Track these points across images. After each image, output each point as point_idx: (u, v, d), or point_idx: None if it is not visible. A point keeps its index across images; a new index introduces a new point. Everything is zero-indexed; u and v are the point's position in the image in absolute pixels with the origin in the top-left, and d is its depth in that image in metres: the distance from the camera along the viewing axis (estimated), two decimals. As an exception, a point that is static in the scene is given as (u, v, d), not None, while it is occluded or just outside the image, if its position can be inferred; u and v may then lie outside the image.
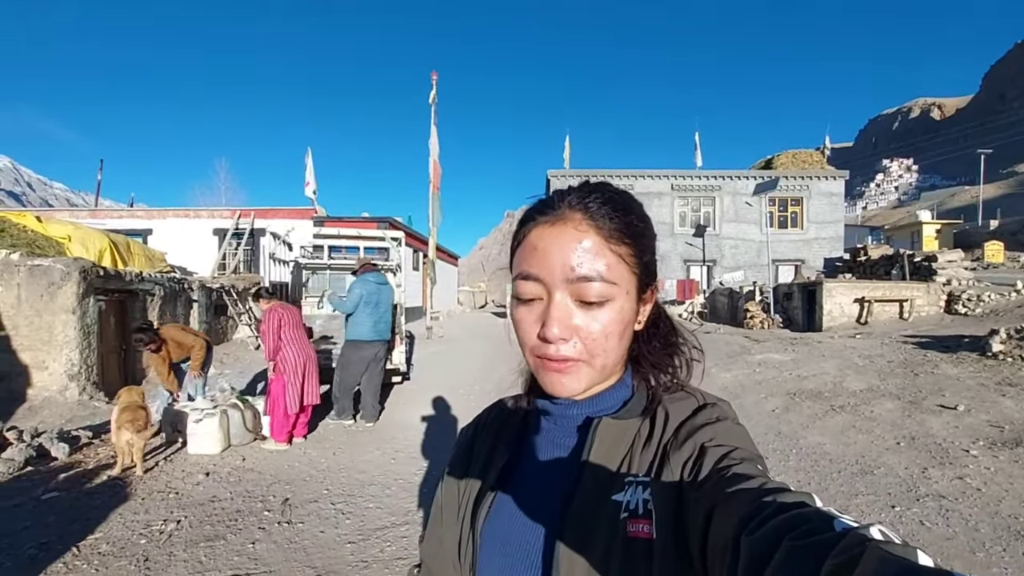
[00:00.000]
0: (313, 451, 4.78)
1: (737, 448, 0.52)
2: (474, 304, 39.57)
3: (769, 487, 0.43)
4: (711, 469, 0.50)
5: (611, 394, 0.63)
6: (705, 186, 22.07)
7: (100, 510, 3.61)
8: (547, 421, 0.66)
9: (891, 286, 13.05)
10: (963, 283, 13.47)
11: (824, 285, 12.97)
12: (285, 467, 4.40)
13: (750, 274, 19.57)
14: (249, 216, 15.13)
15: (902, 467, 4.30)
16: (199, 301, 9.87)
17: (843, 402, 6.12)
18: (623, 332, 0.59)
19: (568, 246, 0.56)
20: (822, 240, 21.76)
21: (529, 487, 0.62)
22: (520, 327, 0.59)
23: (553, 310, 0.56)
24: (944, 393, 6.04)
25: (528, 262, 0.58)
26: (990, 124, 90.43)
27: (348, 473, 4.23)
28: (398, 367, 6.35)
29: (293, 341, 4.79)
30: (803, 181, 21.94)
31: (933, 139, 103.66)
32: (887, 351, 8.60)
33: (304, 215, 14.85)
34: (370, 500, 3.74)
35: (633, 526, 0.52)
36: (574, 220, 0.57)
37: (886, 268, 16.49)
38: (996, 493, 3.75)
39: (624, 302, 0.58)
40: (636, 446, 0.58)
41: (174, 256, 13.46)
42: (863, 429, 5.23)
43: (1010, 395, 5.80)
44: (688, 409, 0.60)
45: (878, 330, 11.60)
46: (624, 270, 0.58)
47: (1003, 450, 4.43)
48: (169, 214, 16.28)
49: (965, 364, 7.26)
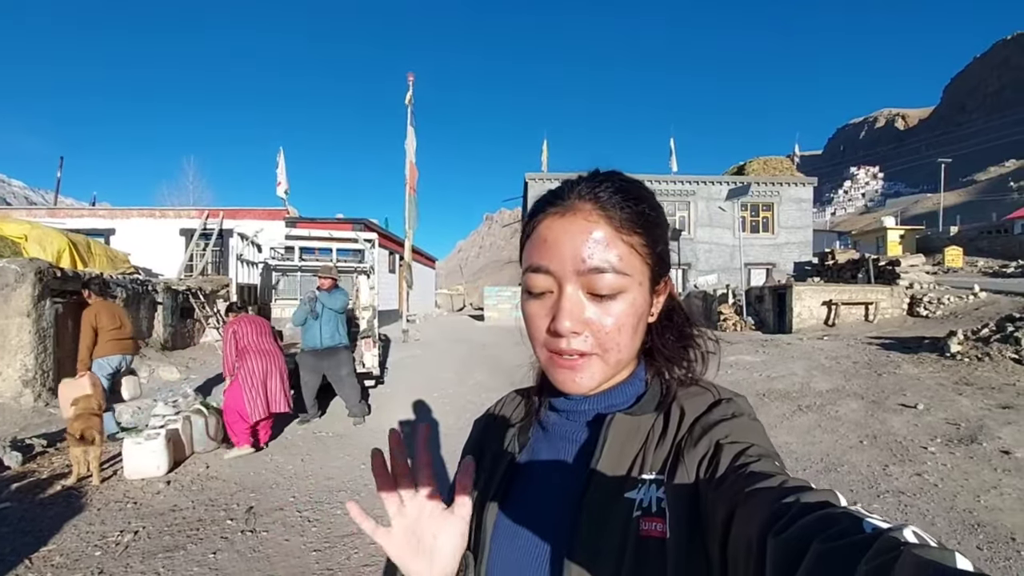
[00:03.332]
0: (280, 457, 4.67)
1: (753, 444, 0.51)
2: (452, 307, 39.38)
3: (791, 485, 0.42)
4: (728, 467, 0.48)
5: (624, 389, 0.62)
6: (680, 191, 22.44)
7: (54, 521, 3.46)
8: (559, 416, 0.65)
9: (857, 289, 13.43)
10: (925, 287, 13.96)
11: (794, 288, 13.28)
12: (250, 474, 4.28)
13: (723, 277, 19.94)
14: (218, 216, 14.77)
15: (864, 464, 4.42)
16: (164, 303, 9.58)
17: (810, 402, 6.26)
18: (636, 325, 0.57)
19: (578, 237, 0.54)
20: (792, 244, 22.32)
21: (540, 482, 0.61)
22: (530, 321, 0.58)
23: (564, 303, 0.54)
24: (905, 392, 6.23)
25: (538, 254, 0.56)
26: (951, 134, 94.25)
27: (316, 479, 4.13)
28: (371, 370, 6.25)
29: (253, 350, 4.68)
30: (774, 187, 22.48)
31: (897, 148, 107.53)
32: (853, 352, 8.84)
33: (276, 216, 14.57)
34: (338, 507, 3.66)
35: (646, 524, 0.51)
36: (584, 210, 0.55)
37: (852, 272, 16.99)
38: (952, 488, 3.88)
39: (637, 294, 0.56)
40: (650, 442, 0.56)
41: (139, 257, 13.05)
42: (828, 428, 5.35)
43: (966, 394, 6.02)
44: (703, 404, 0.58)
45: (845, 332, 11.93)
46: (637, 260, 0.56)
47: (959, 447, 4.59)
48: (133, 213, 15.76)
49: (925, 364, 7.51)
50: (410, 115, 14.14)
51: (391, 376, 8.67)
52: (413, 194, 13.86)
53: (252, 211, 15.12)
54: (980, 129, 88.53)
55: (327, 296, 5.56)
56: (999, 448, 4.46)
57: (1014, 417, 5.11)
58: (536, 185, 22.01)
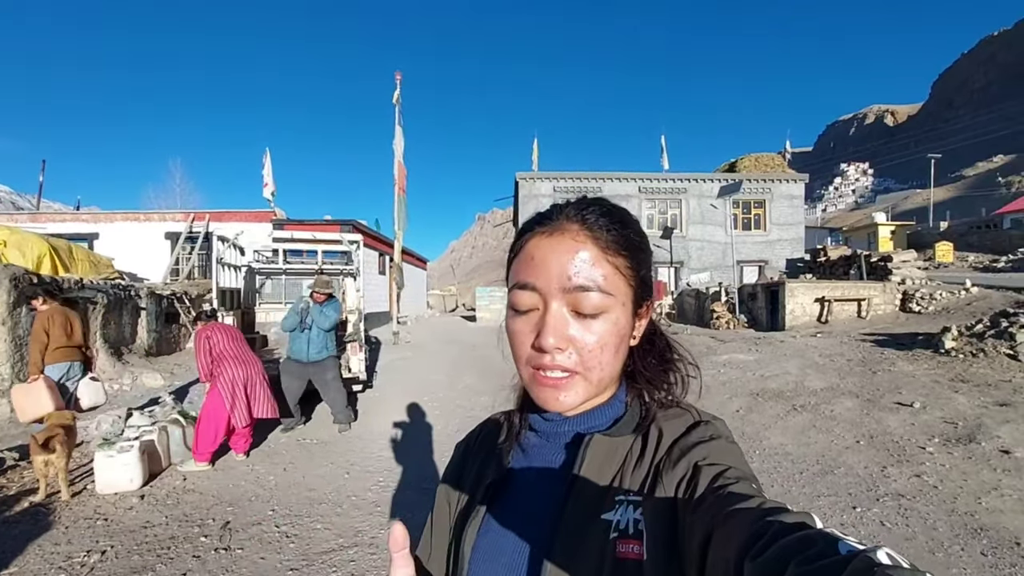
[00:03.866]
0: (261, 467, 4.50)
1: (731, 467, 0.51)
2: (444, 308, 39.19)
3: (768, 507, 0.42)
4: (706, 489, 0.49)
5: (604, 410, 0.62)
6: (672, 188, 22.38)
7: (18, 540, 3.28)
8: (538, 438, 0.65)
9: (849, 286, 13.41)
10: (916, 282, 13.96)
11: (787, 285, 13.24)
12: (229, 486, 4.12)
13: (716, 275, 19.89)
14: (203, 219, 14.50)
15: (861, 466, 4.32)
16: (147, 309, 9.35)
17: (804, 401, 6.17)
18: (619, 345, 0.58)
19: (565, 256, 0.55)
20: (784, 241, 22.32)
21: (518, 504, 0.61)
22: (515, 338, 0.58)
23: (549, 319, 0.55)
24: (901, 391, 6.16)
25: (525, 272, 0.57)
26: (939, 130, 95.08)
27: (297, 491, 3.97)
28: (357, 375, 6.09)
29: (230, 356, 4.50)
30: (765, 184, 22.47)
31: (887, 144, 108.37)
32: (846, 349, 8.78)
33: (262, 218, 14.33)
34: (318, 520, 3.51)
35: (623, 546, 0.51)
36: (571, 231, 0.57)
37: (845, 268, 16.99)
38: (951, 490, 3.79)
39: (620, 314, 0.57)
40: (628, 464, 0.57)
41: (123, 262, 12.79)
42: (823, 428, 5.26)
43: (962, 391, 5.95)
44: (682, 427, 0.59)
45: (838, 328, 11.89)
46: (621, 282, 0.57)
47: (957, 446, 4.50)
48: (118, 217, 15.44)
49: (920, 361, 7.45)
50: (398, 114, 13.96)
51: (380, 379, 8.50)
52: (402, 194, 13.69)
53: (238, 213, 14.87)
54: (968, 125, 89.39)
55: (318, 311, 5.36)
56: (998, 447, 4.37)
57: (1012, 415, 5.03)
58: (527, 184, 21.88)
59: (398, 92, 14.01)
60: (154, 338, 9.59)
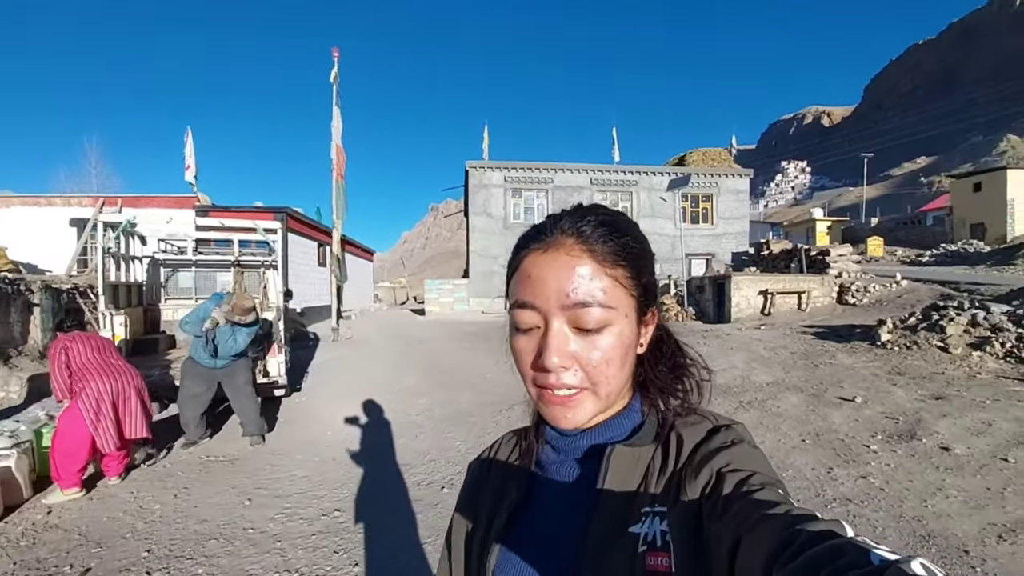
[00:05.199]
0: (149, 493, 3.84)
1: (756, 473, 0.50)
2: (395, 301, 38.15)
3: (796, 514, 0.41)
4: (731, 496, 0.48)
5: (620, 421, 0.61)
6: (623, 180, 22.39)
7: None
8: (556, 454, 0.64)
9: (791, 279, 13.73)
10: (852, 275, 14.48)
11: (732, 278, 13.40)
12: (103, 519, 3.46)
13: (665, 268, 20.08)
14: (116, 204, 13.11)
15: (809, 468, 4.16)
16: (42, 305, 8.26)
17: (751, 397, 6.06)
18: (624, 357, 0.57)
19: (562, 272, 0.55)
20: (730, 235, 22.82)
21: (541, 525, 0.60)
22: (519, 357, 0.57)
23: (551, 338, 0.54)
24: (843, 384, 6.14)
25: (523, 290, 0.56)
26: (869, 131, 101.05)
27: (184, 523, 3.36)
28: (276, 379, 5.45)
29: (95, 368, 3.80)
30: (713, 178, 22.87)
31: (823, 143, 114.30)
32: (789, 342, 8.85)
33: (184, 204, 13.08)
34: (202, 562, 2.93)
35: (652, 560, 0.50)
36: (567, 245, 0.56)
37: (786, 262, 17.49)
38: (898, 492, 3.65)
39: (624, 326, 0.56)
40: (651, 474, 0.56)
41: (21, 251, 11.40)
42: (771, 426, 5.12)
43: (900, 384, 5.99)
44: (702, 432, 0.57)
45: (780, 320, 12.12)
46: (622, 293, 0.56)
47: (900, 443, 4.42)
48: (15, 202, 13.73)
49: (859, 354, 7.54)
50: (336, 94, 13.11)
51: (310, 381, 7.85)
52: (341, 180, 12.86)
53: (156, 198, 13.55)
54: (896, 127, 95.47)
55: (227, 334, 4.58)
56: (938, 444, 4.32)
57: (948, 409, 5.04)
58: (477, 174, 21.31)
59: (336, 70, 13.17)
60: (50, 338, 8.50)
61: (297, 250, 15.99)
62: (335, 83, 13.20)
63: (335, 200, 13.07)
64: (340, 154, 13.25)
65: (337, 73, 13.24)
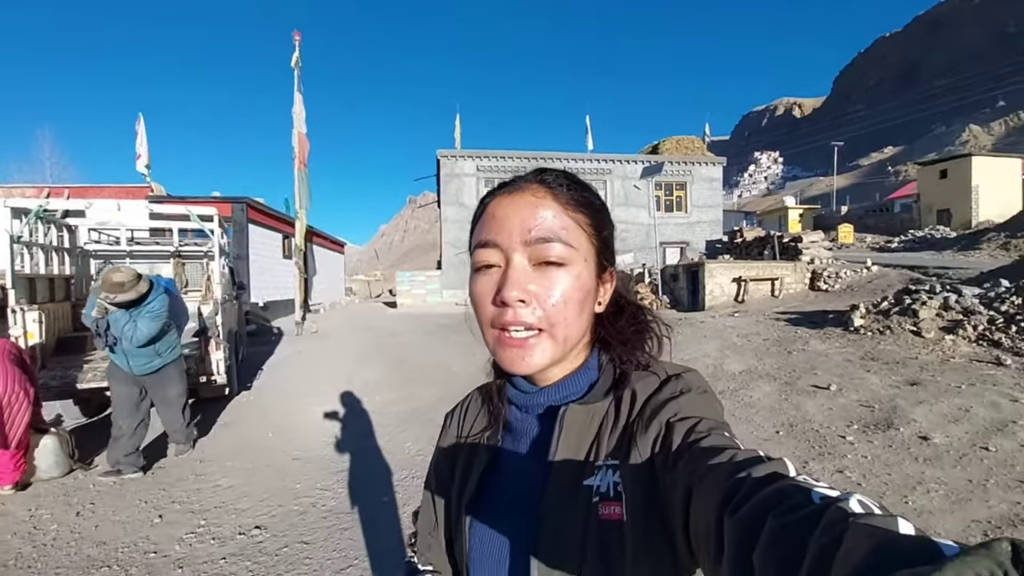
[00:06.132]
0: (49, 510, 3.36)
1: (703, 419, 0.51)
2: (369, 294, 37.42)
3: (742, 459, 0.42)
4: (680, 445, 0.49)
5: (577, 378, 0.61)
6: (596, 169, 22.13)
7: None
8: (520, 412, 0.65)
9: (764, 266, 13.66)
10: (824, 262, 14.48)
11: (706, 266, 13.27)
12: (-14, 544, 3.00)
13: (640, 256, 19.92)
14: (62, 195, 12.26)
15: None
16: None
17: (723, 387, 5.83)
18: (583, 301, 0.57)
19: (526, 210, 0.56)
20: (704, 223, 22.80)
21: (508, 484, 0.61)
22: (478, 300, 0.57)
23: (511, 272, 0.54)
24: (816, 371, 5.95)
25: (486, 230, 0.57)
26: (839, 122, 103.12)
27: (78, 547, 2.90)
28: (215, 378, 4.96)
29: None
30: (687, 167, 22.78)
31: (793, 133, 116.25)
32: (762, 329, 8.69)
33: (136, 194, 12.33)
34: (87, 596, 2.51)
35: (604, 509, 0.51)
36: (532, 188, 0.58)
37: (759, 249, 17.47)
38: (876, 487, 3.43)
39: (583, 269, 0.57)
40: (604, 429, 0.57)
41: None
42: (744, 418, 4.88)
43: (874, 370, 5.82)
44: (654, 384, 0.58)
45: (753, 307, 12.02)
46: (582, 236, 0.57)
47: (876, 433, 4.21)
48: (-54, 192, 12.80)
49: (832, 339, 7.39)
50: (297, 79, 12.50)
51: (263, 379, 7.37)
52: (303, 168, 12.28)
53: (107, 188, 12.75)
54: (863, 117, 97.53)
55: (121, 320, 3.66)
56: (916, 433, 4.12)
57: (923, 395, 4.86)
58: (449, 163, 20.77)
59: (297, 54, 12.57)
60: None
61: (259, 241, 15.30)
62: (296, 68, 12.60)
63: (298, 189, 12.49)
64: (302, 142, 12.66)
65: (299, 58, 12.64)
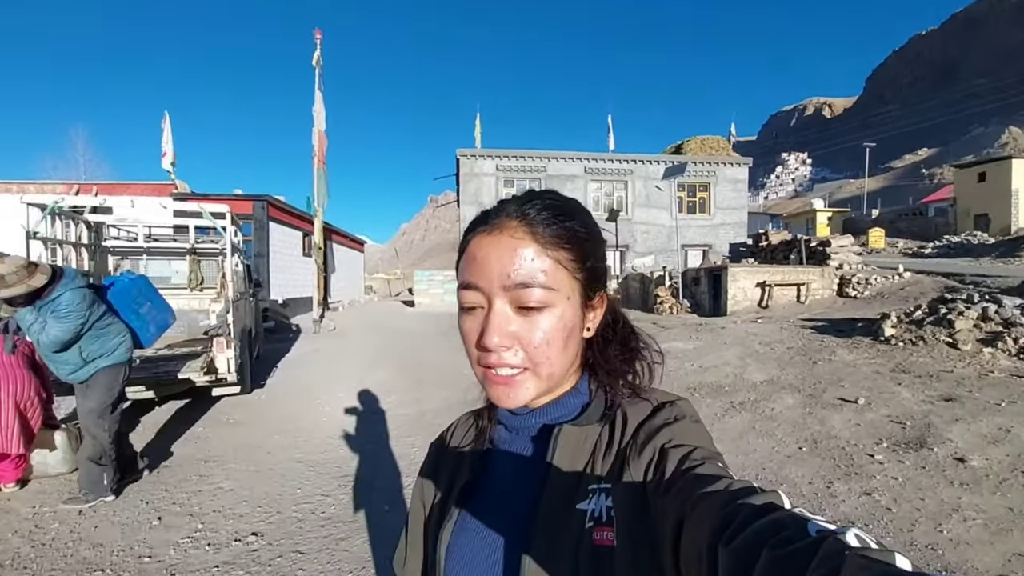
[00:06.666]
0: (52, 508, 3.33)
1: (697, 448, 0.51)
2: (389, 292, 37.69)
3: (736, 488, 0.42)
4: (674, 472, 0.49)
5: (568, 400, 0.62)
6: (618, 170, 21.82)
7: None
8: (508, 433, 0.65)
9: (790, 270, 13.25)
10: (853, 267, 13.98)
11: (729, 270, 12.92)
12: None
13: (660, 259, 19.58)
14: (90, 191, 12.57)
15: (806, 481, 3.69)
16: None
17: (743, 398, 5.59)
18: (566, 339, 0.57)
19: (505, 254, 0.55)
20: (728, 225, 22.29)
21: (493, 503, 0.61)
22: (466, 337, 0.58)
23: (492, 318, 0.55)
24: (843, 383, 5.67)
25: (468, 271, 0.57)
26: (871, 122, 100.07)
27: (76, 549, 2.83)
28: (224, 377, 4.96)
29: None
30: (710, 167, 22.30)
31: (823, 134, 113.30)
32: (786, 336, 8.38)
33: (161, 191, 12.55)
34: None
35: (599, 534, 0.51)
36: (511, 227, 0.56)
37: (785, 253, 16.96)
38: (908, 513, 3.19)
39: (565, 308, 0.56)
40: (597, 452, 0.57)
41: (-14, 239, 10.85)
42: (764, 432, 4.65)
43: (905, 383, 5.52)
44: (646, 410, 0.59)
45: (778, 313, 11.64)
46: (564, 275, 0.56)
47: (908, 453, 3.95)
48: (-19, 187, 13.20)
49: (860, 349, 7.07)
50: (318, 78, 12.58)
51: (278, 376, 7.39)
52: (322, 167, 12.36)
53: (133, 185, 13.03)
54: (897, 118, 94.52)
55: (28, 318, 3.06)
56: (952, 454, 3.85)
57: (960, 412, 4.57)
58: (468, 162, 20.72)
59: (318, 53, 12.65)
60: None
61: (280, 239, 15.46)
62: (318, 66, 12.69)
63: (316, 187, 12.57)
64: (322, 140, 12.73)
65: (320, 56, 12.73)
